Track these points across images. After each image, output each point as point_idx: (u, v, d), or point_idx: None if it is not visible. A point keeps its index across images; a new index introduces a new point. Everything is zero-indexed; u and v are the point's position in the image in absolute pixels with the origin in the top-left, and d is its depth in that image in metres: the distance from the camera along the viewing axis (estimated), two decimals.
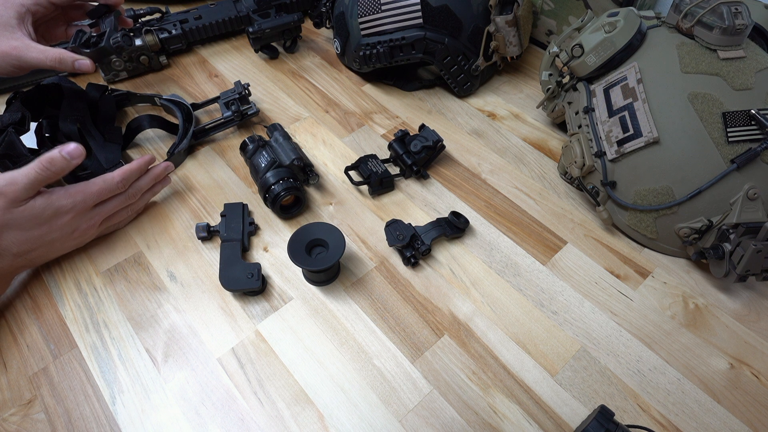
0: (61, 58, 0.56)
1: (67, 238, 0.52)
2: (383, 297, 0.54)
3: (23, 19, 0.56)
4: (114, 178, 0.53)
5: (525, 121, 0.74)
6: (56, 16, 0.62)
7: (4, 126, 0.56)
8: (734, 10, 0.51)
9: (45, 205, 0.48)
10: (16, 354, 0.50)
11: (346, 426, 0.45)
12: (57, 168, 0.48)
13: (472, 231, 0.60)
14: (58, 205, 0.49)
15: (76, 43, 0.59)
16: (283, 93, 0.77)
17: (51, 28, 0.63)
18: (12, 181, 0.46)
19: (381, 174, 0.62)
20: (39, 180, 0.47)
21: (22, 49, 0.55)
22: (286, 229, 0.60)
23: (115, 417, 0.46)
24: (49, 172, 0.47)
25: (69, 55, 0.57)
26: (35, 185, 0.47)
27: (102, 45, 0.60)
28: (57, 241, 0.52)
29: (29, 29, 0.57)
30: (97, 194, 0.52)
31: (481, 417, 0.46)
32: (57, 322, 0.52)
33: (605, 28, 0.57)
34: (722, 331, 0.52)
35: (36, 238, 0.49)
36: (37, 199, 0.48)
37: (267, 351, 0.50)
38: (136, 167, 0.55)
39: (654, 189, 0.54)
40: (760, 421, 0.46)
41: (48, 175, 0.47)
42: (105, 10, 0.64)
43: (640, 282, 0.56)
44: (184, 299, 0.54)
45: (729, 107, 0.51)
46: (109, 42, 0.60)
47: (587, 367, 0.49)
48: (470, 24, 0.70)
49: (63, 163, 0.48)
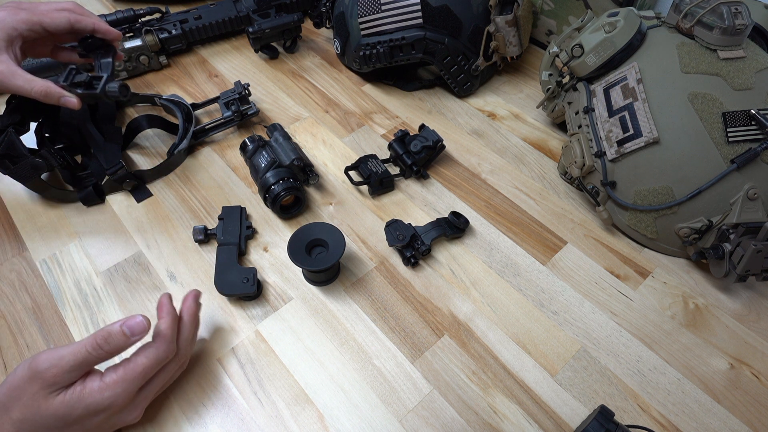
0: (47, 92, 0.52)
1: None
2: (383, 297, 0.54)
3: (12, 43, 0.53)
4: (159, 348, 0.42)
5: (525, 121, 0.74)
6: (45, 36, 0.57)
7: (4, 126, 0.56)
8: (734, 10, 0.51)
9: (76, 399, 0.39)
10: (16, 354, 0.50)
11: (346, 426, 0.45)
12: (113, 347, 0.40)
13: (472, 231, 0.60)
14: (89, 402, 0.39)
15: (68, 81, 0.53)
16: (283, 93, 0.77)
17: (36, 46, 0.58)
18: (56, 362, 0.38)
19: (381, 174, 0.62)
20: (88, 362, 0.39)
21: (7, 75, 0.51)
22: (286, 229, 0.60)
23: None
24: (102, 352, 0.39)
25: (56, 90, 0.53)
26: (83, 367, 0.39)
27: (97, 92, 0.53)
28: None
29: (16, 52, 0.54)
30: (143, 375, 0.41)
31: (481, 417, 0.46)
32: (57, 322, 0.52)
33: (605, 28, 0.57)
34: (722, 331, 0.52)
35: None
36: (68, 392, 0.39)
37: (267, 351, 0.50)
38: (172, 320, 0.44)
39: (654, 189, 0.54)
40: (760, 421, 0.46)
41: (101, 356, 0.39)
42: (100, 43, 0.58)
43: (640, 282, 0.56)
44: None
45: (729, 107, 0.51)
46: (105, 90, 0.53)
47: (587, 367, 0.49)
48: (470, 24, 0.70)
49: (121, 340, 0.40)
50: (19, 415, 0.38)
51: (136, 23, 0.79)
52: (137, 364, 0.41)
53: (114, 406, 0.40)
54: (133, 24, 0.79)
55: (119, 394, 0.40)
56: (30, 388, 0.38)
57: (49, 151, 0.58)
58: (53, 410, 0.38)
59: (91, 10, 0.92)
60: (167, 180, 0.65)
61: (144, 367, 0.41)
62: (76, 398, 0.39)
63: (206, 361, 0.49)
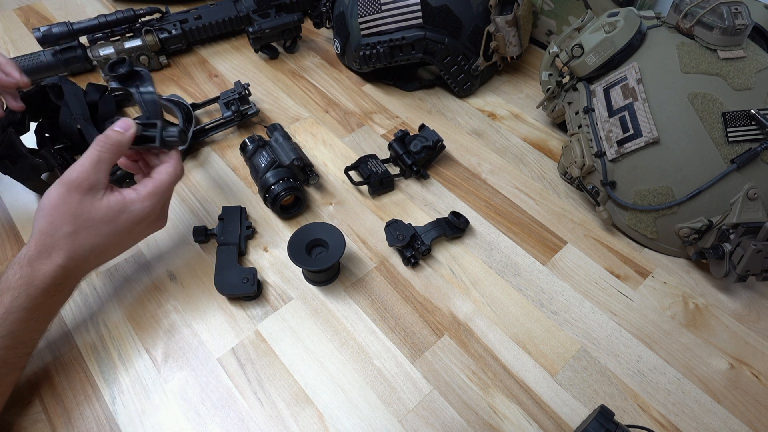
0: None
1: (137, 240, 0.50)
2: (383, 297, 0.54)
3: None
4: (177, 170, 0.49)
5: (525, 121, 0.74)
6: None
7: (4, 126, 0.56)
8: (734, 10, 0.51)
9: (120, 205, 0.45)
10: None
11: (346, 426, 0.45)
12: (113, 141, 0.45)
13: (472, 231, 0.60)
14: (132, 209, 0.46)
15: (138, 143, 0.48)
16: (283, 93, 0.77)
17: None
18: (80, 168, 0.43)
19: (381, 174, 0.62)
20: (103, 159, 0.44)
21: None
22: (286, 229, 0.60)
23: (115, 417, 0.46)
24: (108, 146, 0.44)
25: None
26: (101, 164, 0.44)
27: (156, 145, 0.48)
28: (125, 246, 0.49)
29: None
30: (169, 188, 0.49)
31: (481, 417, 0.46)
32: (57, 322, 0.52)
33: (605, 28, 0.57)
34: (722, 331, 0.52)
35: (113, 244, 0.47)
36: (110, 197, 0.45)
37: (267, 351, 0.50)
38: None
39: (654, 189, 0.54)
40: (760, 421, 0.46)
41: (110, 151, 0.44)
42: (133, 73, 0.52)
43: (640, 282, 0.56)
44: (184, 299, 0.54)
45: (729, 107, 0.51)
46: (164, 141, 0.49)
47: (587, 367, 0.49)
48: (470, 24, 0.70)
49: (118, 135, 0.45)
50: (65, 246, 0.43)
51: (136, 23, 0.79)
52: (163, 180, 0.48)
53: (152, 214, 0.47)
54: (133, 24, 0.79)
55: (155, 204, 0.47)
56: (72, 198, 0.43)
57: (49, 151, 0.58)
58: (103, 213, 0.44)
59: (91, 10, 0.92)
60: None
61: (169, 182, 0.48)
62: (120, 205, 0.45)
63: (206, 361, 0.49)
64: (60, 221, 0.43)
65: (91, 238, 0.44)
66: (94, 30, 0.77)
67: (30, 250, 0.42)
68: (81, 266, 0.45)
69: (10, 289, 0.41)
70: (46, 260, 0.42)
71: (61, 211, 0.43)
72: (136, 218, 0.46)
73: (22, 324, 0.42)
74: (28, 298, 0.41)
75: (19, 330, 0.41)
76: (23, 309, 0.41)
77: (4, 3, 0.93)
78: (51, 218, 0.43)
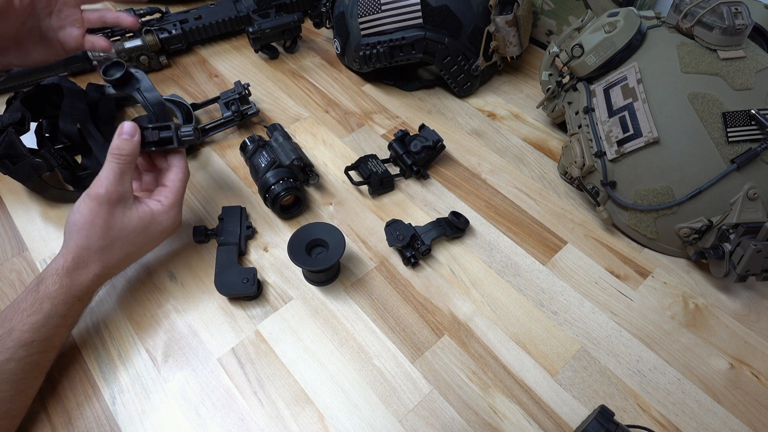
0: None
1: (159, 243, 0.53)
2: (383, 297, 0.54)
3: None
4: (185, 169, 0.52)
5: (525, 121, 0.74)
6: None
7: (4, 126, 0.56)
8: (734, 10, 0.51)
9: (149, 216, 0.48)
10: None
11: (346, 426, 0.45)
12: (128, 151, 0.47)
13: (472, 231, 0.60)
14: (161, 220, 0.49)
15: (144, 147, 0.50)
16: (283, 93, 0.77)
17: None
18: (104, 182, 0.46)
19: (381, 174, 0.62)
20: (122, 170, 0.46)
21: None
22: (286, 229, 0.60)
23: (115, 417, 0.46)
24: (125, 157, 0.47)
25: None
26: (122, 175, 0.46)
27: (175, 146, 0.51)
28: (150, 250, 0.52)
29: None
30: (183, 191, 0.52)
31: (481, 417, 0.46)
32: None
33: (605, 28, 0.57)
34: (722, 331, 0.52)
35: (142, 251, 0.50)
36: (138, 209, 0.48)
37: (267, 351, 0.50)
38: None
39: (654, 189, 0.54)
40: (760, 421, 0.46)
41: (127, 161, 0.47)
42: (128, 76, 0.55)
43: (640, 282, 0.56)
44: (184, 299, 0.54)
45: (729, 107, 0.51)
46: (181, 141, 0.51)
47: (587, 367, 0.49)
48: (470, 24, 0.70)
49: (129, 144, 0.47)
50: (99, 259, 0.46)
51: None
52: (178, 187, 0.51)
53: (176, 223, 0.51)
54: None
55: (178, 212, 0.51)
56: (103, 212, 0.45)
57: (49, 151, 0.58)
58: (134, 224, 0.47)
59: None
60: None
61: (183, 187, 0.51)
62: (149, 216, 0.48)
63: (206, 361, 0.49)
64: (95, 235, 0.46)
65: (125, 248, 0.48)
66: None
67: (67, 263, 0.45)
68: (113, 273, 0.49)
69: (50, 298, 0.44)
70: (83, 271, 0.46)
71: (96, 225, 0.45)
72: (165, 229, 0.50)
73: (58, 330, 0.44)
74: (65, 306, 0.44)
75: (54, 336, 0.44)
76: (61, 316, 0.44)
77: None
78: (86, 233, 0.45)
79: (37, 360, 0.43)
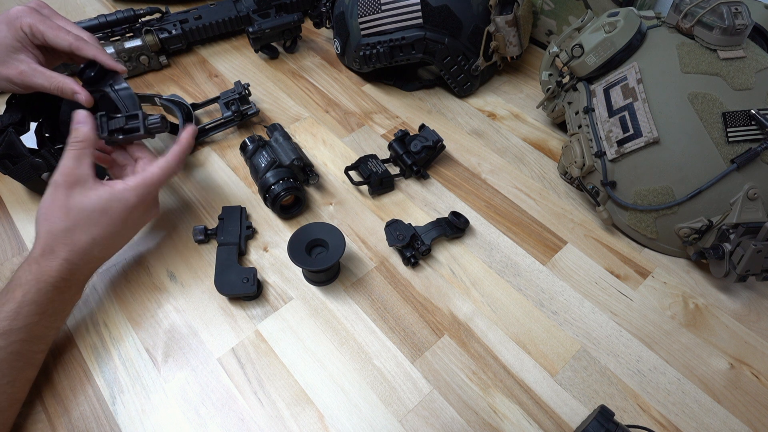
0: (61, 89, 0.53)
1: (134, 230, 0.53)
2: (383, 297, 0.54)
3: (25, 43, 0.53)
4: (171, 164, 0.52)
5: (525, 121, 0.74)
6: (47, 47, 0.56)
7: (4, 126, 0.56)
8: (734, 10, 0.51)
9: (109, 195, 0.48)
10: None
11: (346, 426, 0.45)
12: (82, 136, 0.48)
13: (472, 231, 0.60)
14: (122, 198, 0.49)
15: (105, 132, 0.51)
16: (283, 93, 0.77)
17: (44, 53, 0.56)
18: (61, 168, 0.47)
19: (381, 174, 0.62)
20: (76, 155, 0.47)
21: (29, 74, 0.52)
22: (286, 229, 0.60)
23: (115, 417, 0.46)
24: (79, 142, 0.48)
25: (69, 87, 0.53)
26: (76, 159, 0.47)
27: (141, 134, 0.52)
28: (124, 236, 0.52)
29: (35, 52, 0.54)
30: (159, 183, 0.51)
31: (481, 417, 0.46)
32: None
33: (605, 28, 0.57)
34: (722, 331, 0.52)
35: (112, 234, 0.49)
36: (99, 190, 0.48)
37: (267, 351, 0.50)
38: (186, 146, 0.54)
39: (654, 189, 0.54)
40: (760, 421, 0.46)
41: (82, 146, 0.48)
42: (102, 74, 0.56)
43: (640, 282, 0.56)
44: (184, 299, 0.54)
45: (729, 107, 0.51)
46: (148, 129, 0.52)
47: (587, 367, 0.49)
48: (470, 24, 0.70)
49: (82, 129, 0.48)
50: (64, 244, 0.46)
51: (136, 23, 0.79)
52: (153, 172, 0.50)
53: (145, 202, 0.50)
54: (133, 24, 0.79)
55: (144, 193, 0.50)
56: (61, 195, 0.46)
57: (49, 151, 0.58)
58: (93, 203, 0.47)
59: (91, 10, 0.92)
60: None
61: (159, 174, 0.51)
62: (108, 194, 0.48)
63: (206, 361, 0.49)
64: (55, 219, 0.46)
65: (89, 230, 0.47)
66: (94, 30, 0.77)
67: (35, 251, 0.46)
68: (85, 259, 0.48)
69: (21, 285, 0.44)
70: (51, 256, 0.45)
71: (55, 208, 0.46)
72: (128, 206, 0.49)
73: (35, 318, 0.44)
74: (38, 293, 0.44)
75: (32, 324, 0.44)
76: (34, 303, 0.44)
77: (4, 3, 0.93)
78: (48, 218, 0.46)
79: (19, 349, 0.43)
